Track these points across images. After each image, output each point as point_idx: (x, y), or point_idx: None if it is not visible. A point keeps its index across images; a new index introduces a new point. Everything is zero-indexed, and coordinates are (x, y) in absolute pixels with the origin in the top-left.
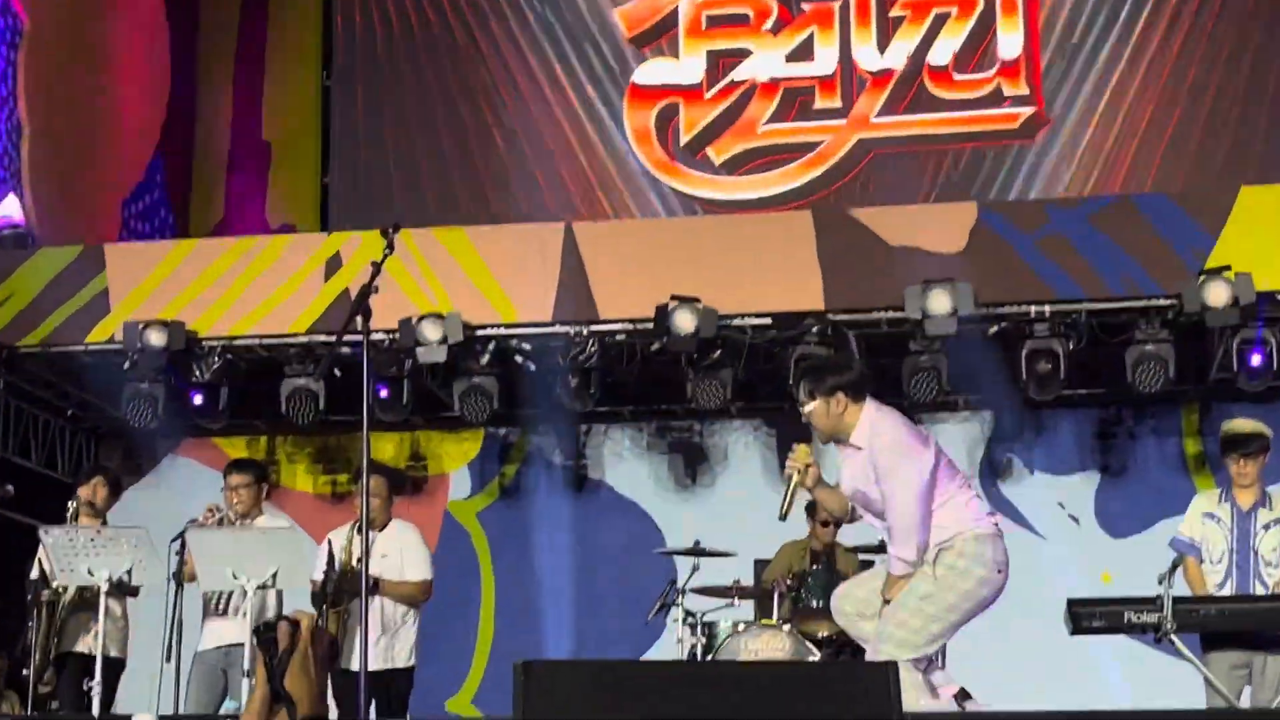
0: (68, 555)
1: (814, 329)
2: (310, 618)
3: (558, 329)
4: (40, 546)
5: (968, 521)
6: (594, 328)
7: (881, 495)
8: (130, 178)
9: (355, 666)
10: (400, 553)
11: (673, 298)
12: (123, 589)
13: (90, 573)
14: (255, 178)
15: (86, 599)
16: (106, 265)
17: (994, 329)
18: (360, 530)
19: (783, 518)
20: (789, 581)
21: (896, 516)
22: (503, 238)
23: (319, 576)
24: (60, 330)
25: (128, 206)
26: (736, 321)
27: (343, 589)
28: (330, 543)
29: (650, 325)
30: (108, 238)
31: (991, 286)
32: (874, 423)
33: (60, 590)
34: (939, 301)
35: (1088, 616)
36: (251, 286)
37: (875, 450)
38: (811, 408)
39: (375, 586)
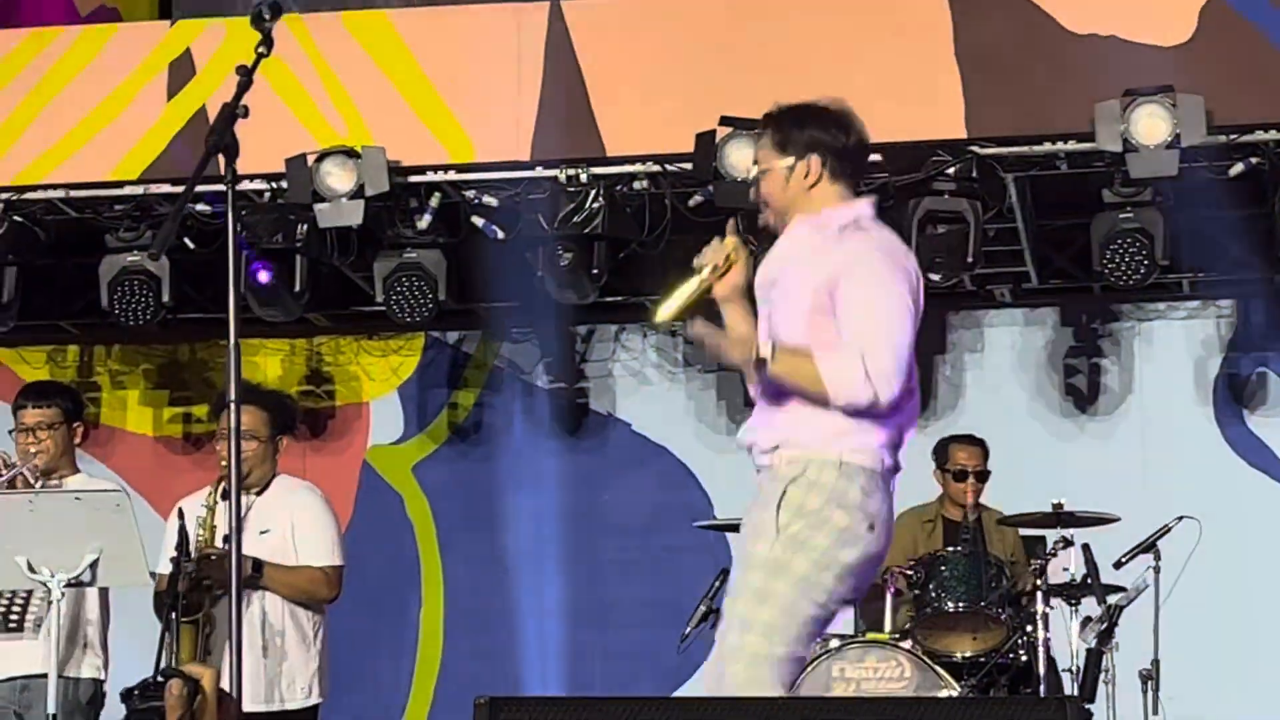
0: None
1: (950, 169)
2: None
3: (540, 173)
4: None
5: (833, 442)
6: (598, 171)
7: (833, 301)
8: None
9: None
10: (290, 526)
11: (723, 121)
12: None
13: None
14: None
15: None
16: None
17: (1239, 167)
18: (227, 494)
19: (659, 322)
20: (910, 572)
21: (866, 324)
22: (451, 26)
23: (165, 567)
24: None
25: None
26: None
27: (203, 585)
28: (181, 514)
29: (688, 165)
30: None
31: (1234, 99)
32: (859, 213)
33: None
34: (1151, 124)
35: None
36: (52, 107)
37: (851, 238)
38: (771, 166)
39: (254, 578)
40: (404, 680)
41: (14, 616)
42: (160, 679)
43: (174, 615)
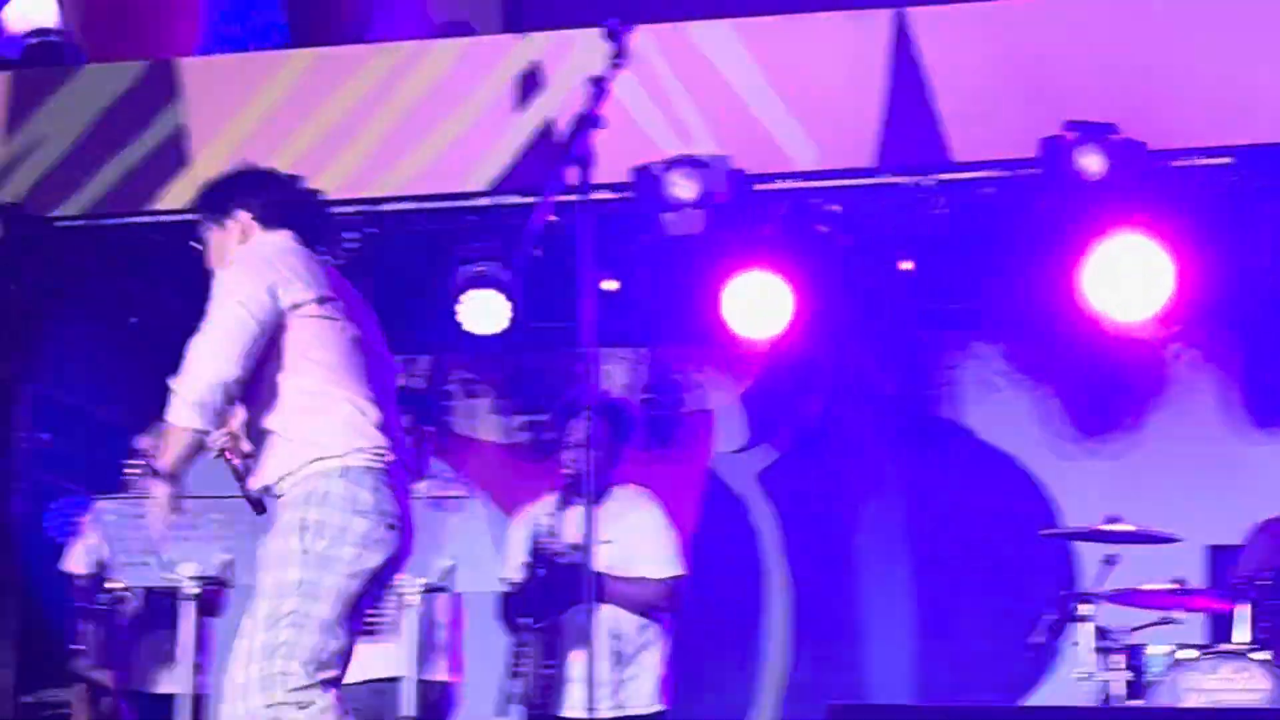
0: (130, 539)
1: None
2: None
3: (886, 180)
4: (88, 526)
5: (338, 443)
6: (944, 177)
7: None
8: None
9: (573, 713)
10: (631, 536)
11: (1069, 126)
12: (215, 592)
13: (168, 567)
14: None
15: (164, 607)
16: (184, 91)
17: None
18: (570, 502)
19: (260, 510)
20: (1268, 582)
21: (196, 338)
22: (796, 35)
23: (514, 574)
24: (116, 192)
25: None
26: (1181, 161)
27: (552, 592)
28: (529, 521)
29: (1035, 171)
30: (185, 49)
31: None
32: (258, 239)
33: (122, 594)
34: None
35: None
36: (405, 120)
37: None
38: (208, 238)
39: (599, 588)
40: (750, 688)
41: (368, 620)
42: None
43: (523, 621)
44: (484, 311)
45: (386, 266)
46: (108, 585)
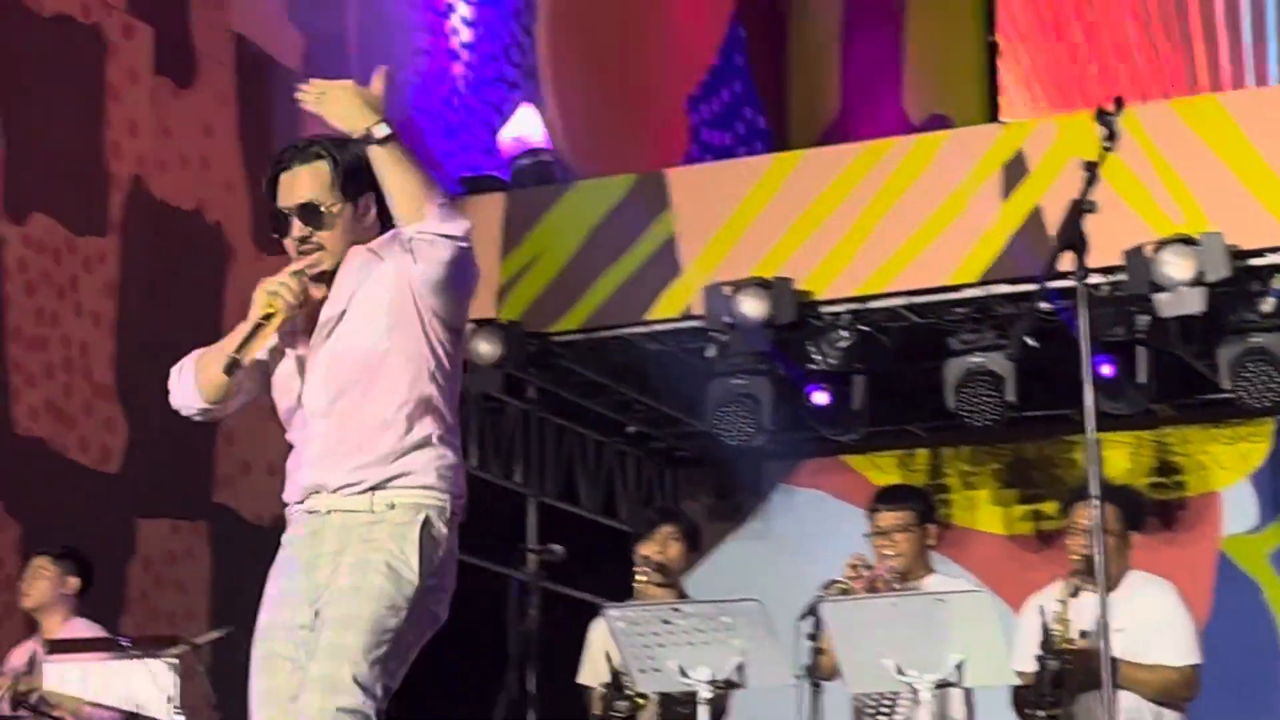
0: (642, 646)
1: None
2: None
3: None
4: (597, 635)
5: (438, 481)
6: None
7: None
8: (696, 63)
9: None
10: (1145, 623)
11: None
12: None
13: (683, 672)
14: (885, 47)
15: (679, 714)
16: (672, 201)
17: None
18: (1077, 590)
19: (228, 370)
20: None
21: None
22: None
23: (1021, 664)
24: (610, 305)
25: (695, 108)
26: None
27: (1065, 681)
28: (1042, 611)
29: None
30: (670, 158)
31: None
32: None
33: (639, 701)
34: None
35: None
36: (890, 216)
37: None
38: (333, 208)
39: (1114, 676)
40: None
41: (883, 715)
42: None
43: (1039, 713)
44: (979, 402)
45: (883, 364)
46: (626, 692)
